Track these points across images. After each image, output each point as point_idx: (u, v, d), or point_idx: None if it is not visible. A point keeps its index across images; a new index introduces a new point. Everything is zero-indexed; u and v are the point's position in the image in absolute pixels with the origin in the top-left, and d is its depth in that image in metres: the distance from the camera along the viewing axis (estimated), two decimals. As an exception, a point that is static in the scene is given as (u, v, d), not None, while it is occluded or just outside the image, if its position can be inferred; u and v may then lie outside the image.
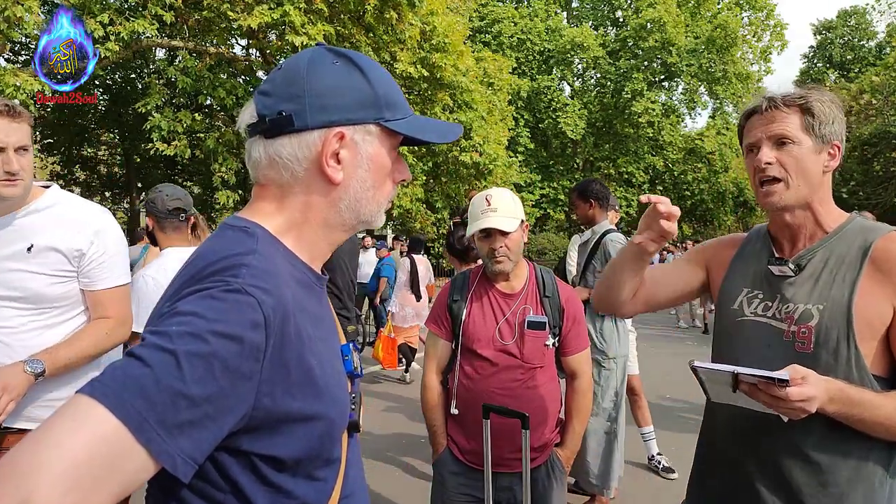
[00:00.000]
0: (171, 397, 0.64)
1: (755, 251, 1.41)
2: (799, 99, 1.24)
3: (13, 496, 0.55)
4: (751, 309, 1.35)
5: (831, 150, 1.27)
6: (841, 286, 1.22)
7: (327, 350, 0.86)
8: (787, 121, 1.24)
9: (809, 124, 1.24)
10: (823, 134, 1.24)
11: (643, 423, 4.17)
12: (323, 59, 0.86)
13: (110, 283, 1.84)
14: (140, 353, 0.66)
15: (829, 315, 1.21)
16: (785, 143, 1.24)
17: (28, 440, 0.60)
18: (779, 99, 1.25)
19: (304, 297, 0.84)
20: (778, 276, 1.31)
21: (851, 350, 1.19)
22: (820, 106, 1.23)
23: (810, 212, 1.28)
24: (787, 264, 1.29)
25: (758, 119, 1.29)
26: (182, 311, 0.70)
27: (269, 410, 0.73)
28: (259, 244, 0.80)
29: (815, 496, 1.21)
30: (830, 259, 1.25)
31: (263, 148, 0.85)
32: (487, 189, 2.20)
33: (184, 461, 0.65)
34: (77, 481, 0.58)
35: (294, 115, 0.82)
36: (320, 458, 0.83)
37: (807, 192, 1.26)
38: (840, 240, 1.26)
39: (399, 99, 0.90)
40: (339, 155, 0.85)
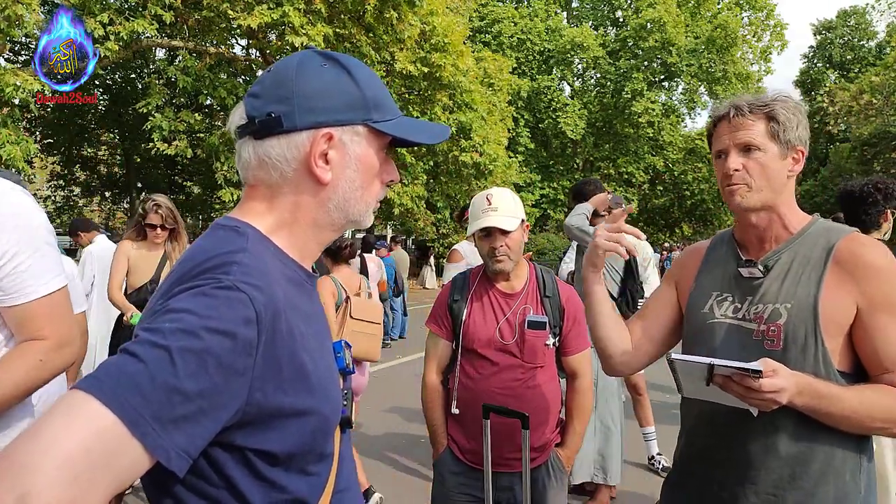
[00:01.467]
0: (166, 393, 0.65)
1: (721, 256, 1.46)
2: (764, 107, 1.29)
3: (11, 491, 0.56)
4: (721, 311, 1.39)
5: (795, 156, 1.32)
6: (807, 285, 1.27)
7: (319, 347, 0.87)
8: (753, 128, 1.29)
9: (774, 131, 1.28)
10: (788, 140, 1.29)
11: (645, 423, 4.16)
12: (312, 61, 0.87)
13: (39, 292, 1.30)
14: (134, 350, 0.67)
15: (796, 313, 1.26)
16: (751, 149, 1.30)
17: (25, 436, 0.60)
18: (745, 107, 1.30)
19: (295, 294, 0.85)
20: (746, 278, 1.36)
21: (819, 347, 1.23)
22: (784, 113, 1.28)
23: (775, 214, 1.33)
24: (756, 265, 1.34)
25: (725, 126, 1.34)
26: (175, 309, 0.71)
27: (261, 406, 0.74)
28: (249, 243, 0.82)
29: (787, 490, 1.25)
30: (796, 259, 1.30)
31: (253, 149, 0.87)
32: (488, 189, 2.20)
33: (178, 455, 0.66)
34: (74, 476, 0.59)
35: (283, 116, 0.84)
36: (313, 454, 0.84)
37: (770, 195, 1.31)
38: (804, 241, 1.31)
39: (387, 101, 0.91)
40: (328, 155, 0.86)
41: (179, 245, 3.53)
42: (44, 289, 1.30)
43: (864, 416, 1.19)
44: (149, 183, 19.36)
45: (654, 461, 4.16)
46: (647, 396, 4.17)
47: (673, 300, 1.55)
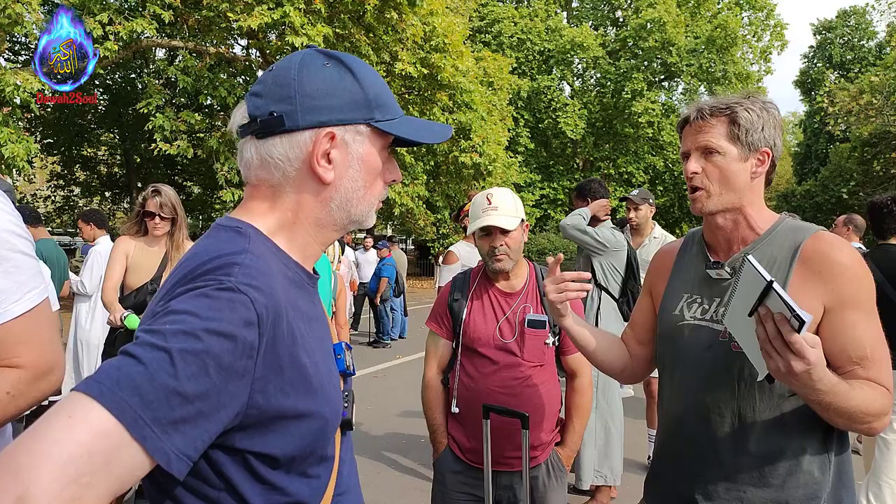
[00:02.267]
0: (166, 395, 0.65)
1: (692, 257, 1.46)
2: (725, 109, 1.29)
3: (11, 492, 0.56)
4: (690, 313, 1.40)
5: (760, 157, 1.31)
6: None
7: (320, 348, 0.87)
8: (712, 131, 1.30)
9: (735, 134, 1.28)
10: (750, 142, 1.29)
11: (652, 425, 4.14)
12: (314, 60, 0.87)
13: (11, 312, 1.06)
14: (134, 352, 0.67)
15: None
16: (711, 152, 1.30)
17: (25, 437, 0.60)
18: (706, 110, 1.30)
19: (297, 296, 0.85)
20: (715, 280, 1.36)
21: None
22: (746, 115, 1.28)
23: (741, 215, 1.33)
24: (724, 267, 1.34)
25: (688, 129, 1.35)
26: (175, 310, 0.71)
27: (262, 408, 0.74)
28: (251, 244, 0.81)
29: (757, 487, 1.26)
30: (762, 261, 1.28)
31: (255, 148, 0.86)
32: (488, 188, 2.21)
33: (178, 458, 0.66)
34: (74, 477, 0.59)
35: (285, 115, 0.84)
36: (314, 456, 0.84)
37: (732, 198, 1.31)
38: (771, 241, 1.31)
39: (389, 100, 0.91)
40: (330, 155, 0.86)
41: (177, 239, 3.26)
42: (17, 307, 1.07)
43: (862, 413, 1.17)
44: (149, 183, 19.32)
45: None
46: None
47: (650, 306, 1.57)
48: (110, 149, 19.67)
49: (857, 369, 1.21)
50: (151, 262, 3.28)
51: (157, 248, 3.29)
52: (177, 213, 3.24)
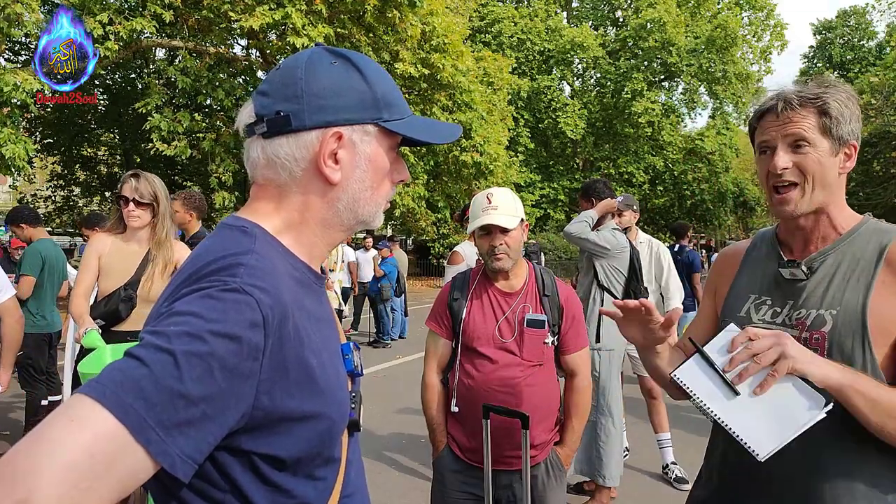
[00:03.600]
0: (170, 397, 0.64)
1: (761, 257, 1.36)
2: (815, 99, 1.17)
3: (12, 496, 0.55)
4: (759, 316, 1.30)
5: (847, 151, 1.20)
6: (855, 290, 1.17)
7: (327, 349, 0.86)
8: (803, 122, 1.17)
9: (826, 126, 1.17)
10: (840, 135, 1.18)
11: (659, 429, 4.09)
12: (321, 59, 0.86)
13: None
14: (138, 354, 0.66)
15: (843, 320, 1.16)
16: (801, 145, 1.18)
17: (27, 440, 0.59)
18: (794, 99, 1.18)
19: (303, 296, 0.84)
20: (788, 280, 1.26)
21: (867, 356, 1.14)
22: (837, 105, 1.17)
23: (825, 215, 1.23)
24: (800, 267, 1.24)
25: (772, 119, 1.22)
26: (180, 311, 0.70)
27: (268, 410, 0.73)
28: (257, 244, 0.80)
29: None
30: (843, 262, 1.20)
31: (261, 148, 0.85)
32: (489, 188, 2.21)
33: (183, 461, 0.65)
34: (76, 481, 0.58)
35: (292, 115, 0.83)
36: (320, 458, 0.83)
37: (822, 197, 1.20)
38: (853, 242, 1.21)
39: (398, 99, 0.90)
40: (337, 155, 0.85)
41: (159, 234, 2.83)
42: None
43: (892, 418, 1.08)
44: (149, 183, 19.33)
45: (668, 470, 4.02)
46: (662, 401, 4.10)
47: (713, 310, 1.45)
48: (110, 149, 19.68)
49: None
50: (128, 262, 2.82)
51: (136, 247, 2.84)
52: (157, 202, 2.81)
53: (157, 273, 2.80)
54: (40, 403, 4.42)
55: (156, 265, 2.81)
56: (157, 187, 2.81)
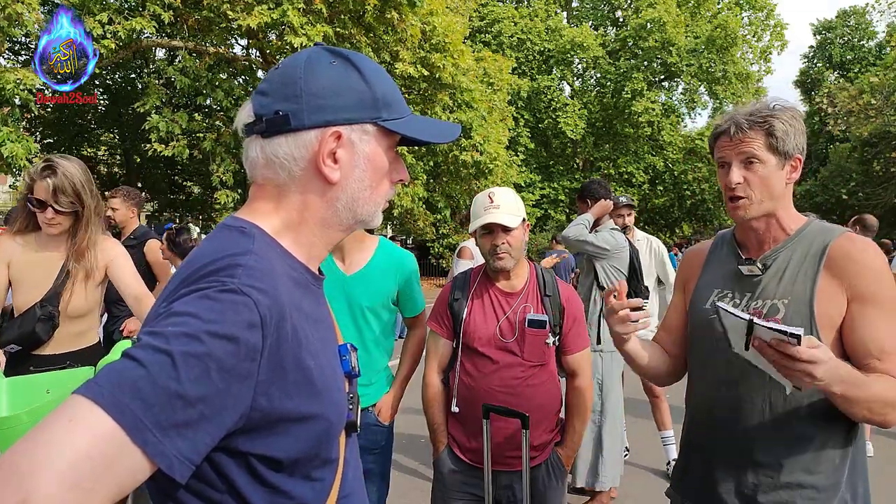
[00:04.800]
0: (167, 398, 0.64)
1: (722, 255, 1.55)
2: (763, 122, 1.36)
3: (12, 497, 0.55)
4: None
5: (793, 164, 1.39)
6: (803, 281, 1.35)
7: (325, 350, 0.86)
8: (752, 143, 1.36)
9: (773, 145, 1.36)
10: (786, 150, 1.36)
11: (663, 427, 4.11)
12: (320, 58, 0.86)
13: None
14: (135, 354, 0.66)
15: (793, 308, 1.34)
16: (752, 162, 1.37)
17: (25, 441, 0.60)
18: (744, 123, 1.37)
19: (301, 297, 0.84)
20: (746, 276, 1.45)
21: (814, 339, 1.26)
22: (782, 126, 1.35)
23: (774, 218, 1.42)
24: (755, 264, 1.43)
25: (726, 140, 1.41)
26: (178, 312, 0.70)
27: (266, 411, 0.73)
28: (255, 244, 0.80)
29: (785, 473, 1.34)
30: (793, 258, 1.39)
31: (260, 148, 0.85)
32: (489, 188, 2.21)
33: (180, 462, 0.65)
34: (74, 482, 0.58)
35: (291, 114, 0.83)
36: (318, 459, 0.83)
37: (771, 204, 1.39)
38: (801, 240, 1.40)
39: (397, 98, 0.90)
40: (336, 154, 0.85)
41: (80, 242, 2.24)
42: None
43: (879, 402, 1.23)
44: (149, 183, 19.35)
45: (669, 466, 4.06)
46: (665, 399, 4.12)
47: (683, 304, 1.64)
48: (110, 149, 19.67)
49: (875, 362, 1.28)
50: (43, 272, 2.25)
51: (52, 253, 2.27)
52: (82, 204, 2.20)
53: (79, 284, 2.27)
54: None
55: (76, 275, 2.26)
56: (79, 185, 2.18)
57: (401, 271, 2.32)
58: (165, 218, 19.82)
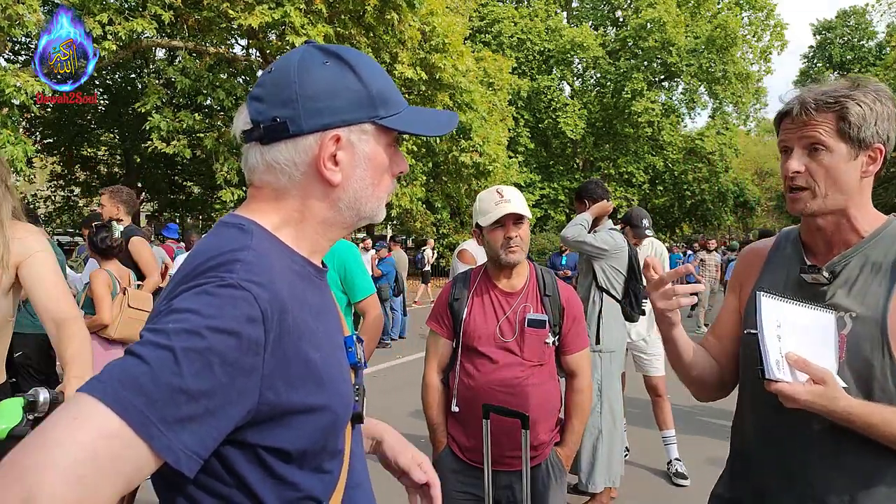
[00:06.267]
0: (171, 393, 0.64)
1: (785, 257, 1.35)
2: (833, 104, 1.16)
3: (18, 493, 0.56)
4: None
5: (871, 154, 1.18)
6: (876, 294, 1.17)
7: (329, 342, 0.86)
8: (819, 127, 1.17)
9: (844, 130, 1.16)
10: (862, 138, 1.16)
11: (664, 426, 4.11)
12: (313, 59, 0.85)
13: None
14: (138, 351, 0.67)
15: (862, 324, 1.16)
16: (817, 149, 1.18)
17: (31, 438, 0.60)
18: (811, 104, 1.17)
19: (305, 289, 0.84)
20: (810, 284, 1.25)
21: (886, 360, 1.14)
22: (858, 109, 1.15)
23: (845, 218, 1.22)
24: (821, 272, 1.23)
25: (789, 123, 1.22)
26: (178, 308, 0.70)
27: (273, 404, 0.74)
28: (253, 240, 0.81)
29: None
30: (866, 265, 1.20)
31: (260, 154, 0.85)
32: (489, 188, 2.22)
33: (188, 456, 0.66)
34: (80, 478, 0.59)
35: (289, 121, 0.82)
36: (325, 450, 0.83)
37: (839, 199, 1.20)
38: (876, 245, 1.21)
39: (393, 93, 0.89)
40: (337, 157, 0.85)
41: None
42: None
43: None
44: (149, 183, 19.37)
45: (670, 465, 4.05)
46: (667, 399, 4.11)
47: (737, 308, 1.45)
48: (110, 149, 19.69)
49: None
50: None
51: None
52: None
53: None
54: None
55: None
56: None
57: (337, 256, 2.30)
58: (165, 218, 19.82)
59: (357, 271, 2.43)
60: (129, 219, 4.26)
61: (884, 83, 1.28)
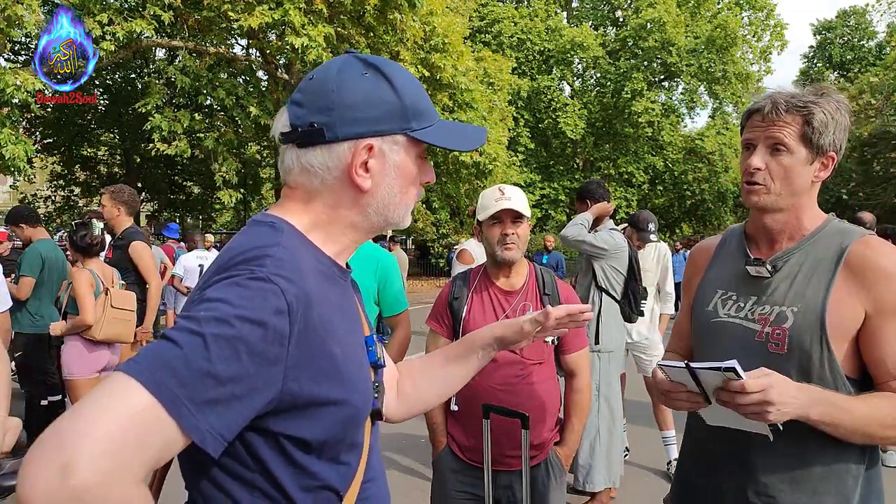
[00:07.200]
0: (200, 377, 0.69)
1: (730, 252, 1.43)
2: (802, 108, 1.22)
3: (56, 461, 0.61)
4: (724, 310, 1.37)
5: (825, 161, 1.27)
6: (816, 288, 1.23)
7: (351, 340, 0.91)
8: (785, 129, 1.24)
9: (808, 135, 1.23)
10: (821, 144, 1.24)
11: (664, 427, 4.11)
12: (353, 70, 0.90)
13: None
14: (172, 336, 0.72)
15: (803, 317, 1.23)
16: (780, 149, 1.25)
17: (72, 412, 0.66)
18: (782, 105, 1.24)
19: (328, 289, 0.89)
20: (754, 277, 1.33)
21: (824, 352, 1.21)
22: (822, 116, 1.22)
23: (791, 216, 1.30)
24: (764, 265, 1.31)
25: (758, 120, 1.28)
26: (210, 298, 0.75)
27: (295, 394, 0.78)
28: (284, 238, 0.85)
29: (789, 491, 1.24)
30: (806, 261, 1.27)
31: (296, 156, 0.90)
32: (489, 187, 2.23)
33: (213, 437, 0.70)
34: (114, 450, 0.63)
35: (325, 127, 0.87)
36: (344, 443, 0.87)
37: (789, 200, 1.28)
38: (816, 242, 1.28)
39: (426, 107, 0.94)
40: (368, 164, 0.90)
41: None
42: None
43: (876, 426, 1.16)
44: (149, 183, 19.36)
45: (670, 466, 4.06)
46: None
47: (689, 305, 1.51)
48: (110, 149, 19.66)
49: (893, 382, 1.19)
50: None
51: None
52: None
53: None
54: (39, 403, 4.42)
55: None
56: None
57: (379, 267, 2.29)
58: (165, 218, 19.82)
59: (397, 285, 2.43)
60: (130, 220, 4.24)
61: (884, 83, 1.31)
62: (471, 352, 1.24)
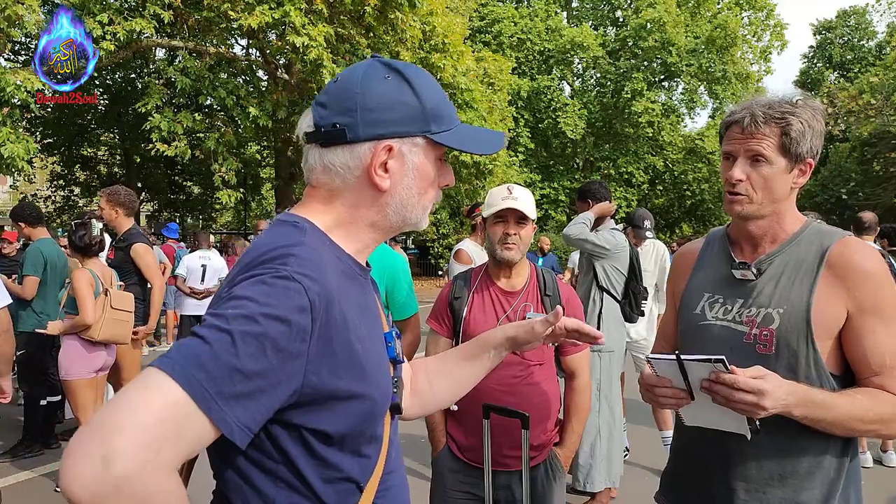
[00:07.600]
0: (228, 372, 0.72)
1: (714, 256, 1.47)
2: (780, 120, 1.27)
3: (99, 449, 0.65)
4: (712, 313, 1.40)
5: (803, 167, 1.31)
6: (800, 290, 1.28)
7: (370, 336, 0.93)
8: (763, 141, 1.28)
9: (785, 145, 1.27)
10: (798, 153, 1.28)
11: (664, 427, 4.12)
12: (376, 73, 0.93)
13: None
14: (201, 333, 0.74)
15: (789, 318, 1.27)
16: (759, 161, 1.29)
17: (109, 405, 0.69)
18: (760, 117, 1.28)
19: (349, 286, 0.91)
20: (739, 280, 1.37)
21: (811, 351, 1.25)
22: (799, 125, 1.26)
23: (772, 221, 1.35)
24: (750, 268, 1.35)
25: (737, 132, 1.32)
26: (237, 296, 0.78)
27: (316, 388, 0.81)
28: (307, 237, 0.89)
29: (777, 486, 1.28)
30: (789, 264, 1.31)
31: (319, 155, 0.94)
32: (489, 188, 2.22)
33: (241, 430, 0.74)
34: (148, 442, 0.67)
35: (347, 128, 0.90)
36: (364, 436, 0.90)
37: (770, 207, 1.32)
38: (798, 244, 1.33)
39: (446, 110, 0.97)
40: (387, 165, 0.93)
41: None
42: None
43: (856, 420, 1.21)
44: (149, 183, 19.36)
45: None
46: None
47: (674, 308, 1.55)
48: (110, 149, 19.67)
49: (874, 378, 1.23)
50: None
51: None
52: None
53: None
54: (39, 403, 4.42)
55: None
56: None
57: (388, 270, 2.29)
58: (165, 218, 19.82)
59: (405, 288, 2.39)
60: (130, 220, 4.22)
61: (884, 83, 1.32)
62: (483, 352, 1.25)
